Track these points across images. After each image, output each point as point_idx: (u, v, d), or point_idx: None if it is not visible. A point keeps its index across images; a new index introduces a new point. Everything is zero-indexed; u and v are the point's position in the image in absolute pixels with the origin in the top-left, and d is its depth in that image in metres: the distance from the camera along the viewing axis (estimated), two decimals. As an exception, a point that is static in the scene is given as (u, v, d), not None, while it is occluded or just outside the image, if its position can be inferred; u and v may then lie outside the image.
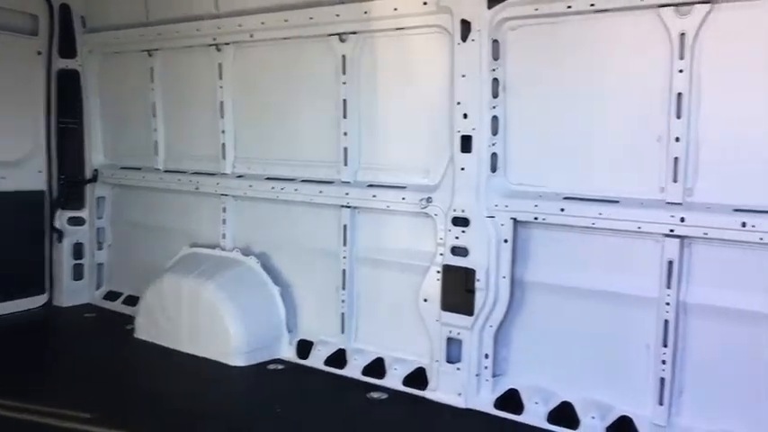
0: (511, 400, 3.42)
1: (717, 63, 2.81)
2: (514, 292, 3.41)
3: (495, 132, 3.37)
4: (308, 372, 4.00)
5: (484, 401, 3.46)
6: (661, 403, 3.03)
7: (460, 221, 3.46)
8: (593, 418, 3.17)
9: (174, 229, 4.80)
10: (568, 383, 3.28)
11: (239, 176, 4.44)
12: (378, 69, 3.76)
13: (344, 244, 3.95)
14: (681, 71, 2.85)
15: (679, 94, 2.87)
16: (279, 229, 4.28)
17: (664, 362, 3.02)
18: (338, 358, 3.99)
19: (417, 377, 3.70)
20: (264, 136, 4.32)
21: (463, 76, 3.36)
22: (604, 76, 3.09)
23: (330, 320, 4.04)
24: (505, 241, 3.38)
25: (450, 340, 3.55)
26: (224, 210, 4.51)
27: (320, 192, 4.00)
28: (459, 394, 3.49)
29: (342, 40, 3.82)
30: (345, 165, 3.92)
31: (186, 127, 4.74)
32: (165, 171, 4.86)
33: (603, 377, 3.21)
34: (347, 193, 3.90)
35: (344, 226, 3.94)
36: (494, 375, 3.48)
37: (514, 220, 3.36)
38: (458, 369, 3.51)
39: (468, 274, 3.44)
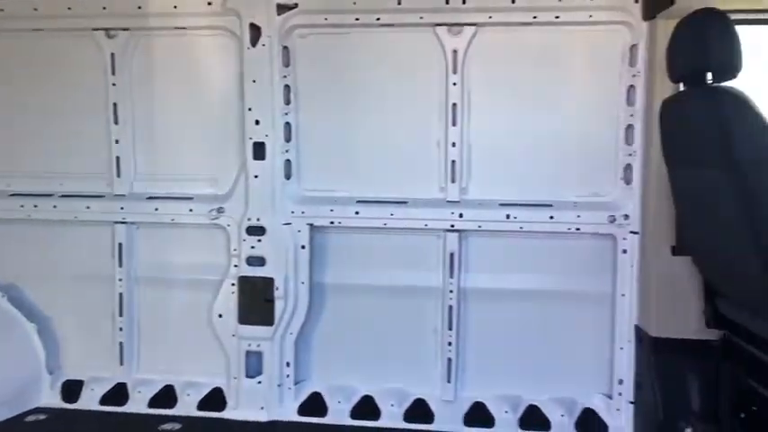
0: (315, 404, 3.45)
1: (482, 78, 3.24)
2: (314, 296, 3.45)
3: (288, 139, 3.37)
4: (80, 416, 3.46)
5: (287, 410, 3.43)
6: (449, 381, 3.37)
7: (256, 230, 3.38)
8: (392, 405, 3.38)
9: None
10: (369, 378, 3.44)
11: None
12: (156, 71, 3.44)
13: (120, 265, 3.53)
14: (455, 84, 3.23)
15: (454, 105, 3.25)
16: (32, 254, 3.61)
17: (450, 343, 3.37)
18: (118, 394, 3.54)
19: (214, 399, 3.49)
20: (7, 145, 3.60)
21: (254, 81, 3.29)
22: (390, 85, 3.31)
23: (105, 353, 3.57)
24: (303, 247, 3.40)
25: (249, 354, 3.43)
26: None
27: (87, 207, 3.51)
28: (262, 408, 3.40)
29: (110, 36, 3.42)
30: (118, 176, 3.51)
31: None
32: None
33: (400, 366, 3.44)
34: (122, 208, 3.49)
35: (120, 245, 3.53)
36: (296, 383, 3.47)
37: (311, 225, 3.40)
38: (258, 382, 3.41)
39: (267, 283, 3.38)
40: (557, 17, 3.10)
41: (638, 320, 3.15)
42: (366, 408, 3.40)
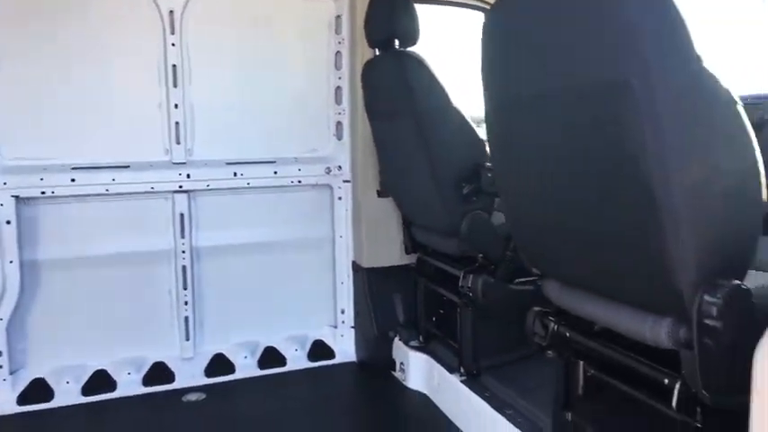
0: (39, 391, 3.17)
1: (202, 39, 3.28)
2: (26, 276, 3.13)
3: None
4: None
5: (4, 404, 3.09)
6: (188, 339, 3.45)
7: None
8: (129, 374, 3.31)
9: None
10: (101, 352, 3.30)
11: None
12: None
13: None
14: (173, 45, 3.21)
15: (174, 66, 3.24)
16: None
17: (186, 303, 3.43)
18: None
19: None
20: None
21: None
22: (104, 46, 3.12)
23: None
24: (8, 222, 3.04)
25: None
26: None
27: None
28: None
29: None
30: None
31: None
32: None
33: (135, 334, 3.37)
34: None
35: None
36: (12, 372, 3.14)
37: (17, 197, 3.05)
38: None
39: None
40: None
41: (354, 256, 3.68)
42: (99, 382, 3.26)
